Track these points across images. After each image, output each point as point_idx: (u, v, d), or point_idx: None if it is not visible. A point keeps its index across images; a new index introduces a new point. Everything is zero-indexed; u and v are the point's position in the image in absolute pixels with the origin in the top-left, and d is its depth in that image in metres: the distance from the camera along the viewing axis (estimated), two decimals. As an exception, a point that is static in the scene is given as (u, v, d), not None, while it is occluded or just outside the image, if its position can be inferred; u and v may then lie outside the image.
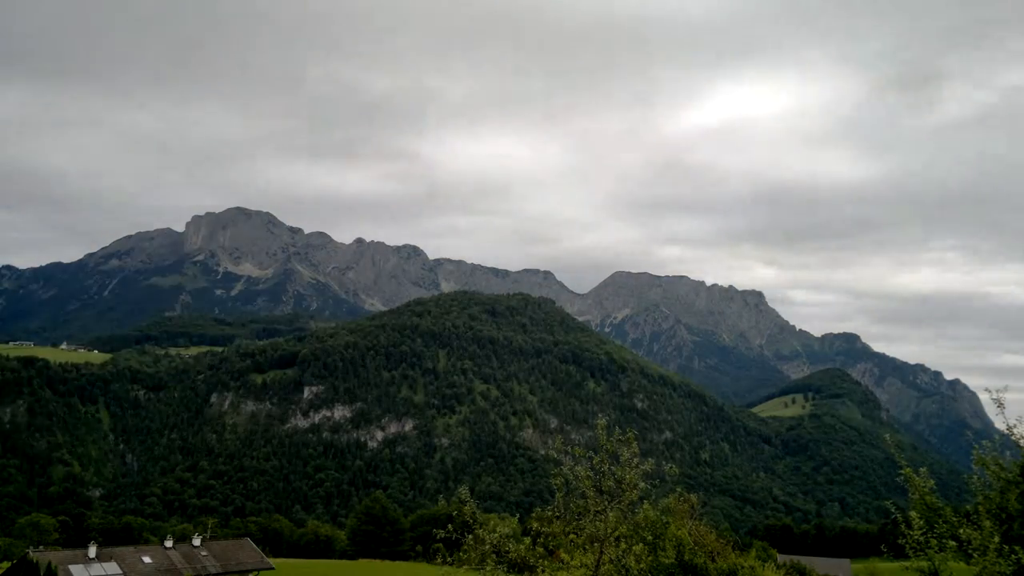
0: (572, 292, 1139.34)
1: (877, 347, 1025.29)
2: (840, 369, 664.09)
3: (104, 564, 67.75)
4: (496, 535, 22.57)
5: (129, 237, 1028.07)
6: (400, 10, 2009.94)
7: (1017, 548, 15.49)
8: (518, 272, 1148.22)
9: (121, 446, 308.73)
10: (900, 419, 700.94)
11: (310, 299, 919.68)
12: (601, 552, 22.24)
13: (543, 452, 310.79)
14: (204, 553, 77.92)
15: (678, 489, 28.58)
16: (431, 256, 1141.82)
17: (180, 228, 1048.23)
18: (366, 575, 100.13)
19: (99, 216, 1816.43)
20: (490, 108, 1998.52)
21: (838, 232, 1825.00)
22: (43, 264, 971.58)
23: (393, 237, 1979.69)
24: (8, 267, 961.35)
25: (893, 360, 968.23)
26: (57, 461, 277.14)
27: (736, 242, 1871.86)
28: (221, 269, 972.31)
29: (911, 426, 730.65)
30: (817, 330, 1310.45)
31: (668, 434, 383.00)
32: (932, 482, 18.20)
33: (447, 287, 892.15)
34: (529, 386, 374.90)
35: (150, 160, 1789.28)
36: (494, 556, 22.36)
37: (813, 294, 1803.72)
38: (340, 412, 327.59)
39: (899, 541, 17.70)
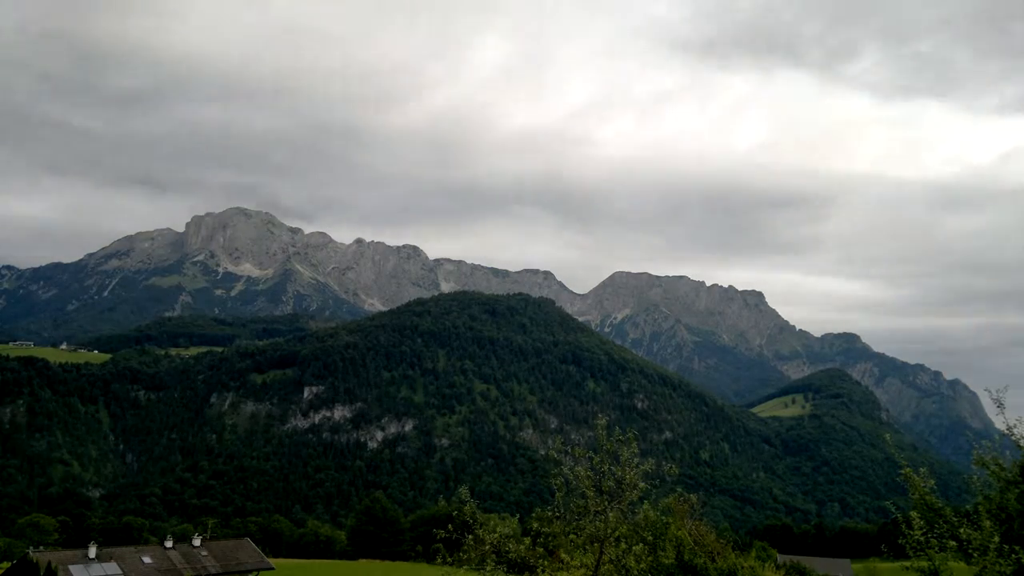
0: (572, 292, 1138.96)
1: (877, 347, 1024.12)
2: (840, 369, 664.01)
3: (104, 564, 67.74)
4: (496, 535, 22.58)
5: (129, 237, 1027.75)
6: None
7: (1017, 548, 15.49)
8: (518, 272, 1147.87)
9: (121, 446, 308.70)
10: (900, 419, 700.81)
11: (310, 299, 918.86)
12: (601, 552, 22.24)
13: (543, 452, 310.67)
14: (204, 553, 77.93)
15: (678, 489, 28.56)
16: (431, 256, 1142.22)
17: (180, 228, 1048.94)
18: (366, 575, 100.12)
19: (99, 216, 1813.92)
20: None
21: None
22: (43, 264, 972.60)
23: (393, 237, 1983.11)
24: (8, 267, 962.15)
25: (893, 360, 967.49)
26: (57, 461, 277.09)
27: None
28: (221, 269, 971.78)
29: (911, 426, 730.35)
30: (817, 330, 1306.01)
31: (668, 434, 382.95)
32: (932, 482, 18.21)
33: (447, 287, 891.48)
34: (529, 386, 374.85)
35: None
36: (494, 556, 22.37)
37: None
38: (340, 412, 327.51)
39: (899, 541, 17.70)
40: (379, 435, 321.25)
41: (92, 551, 68.90)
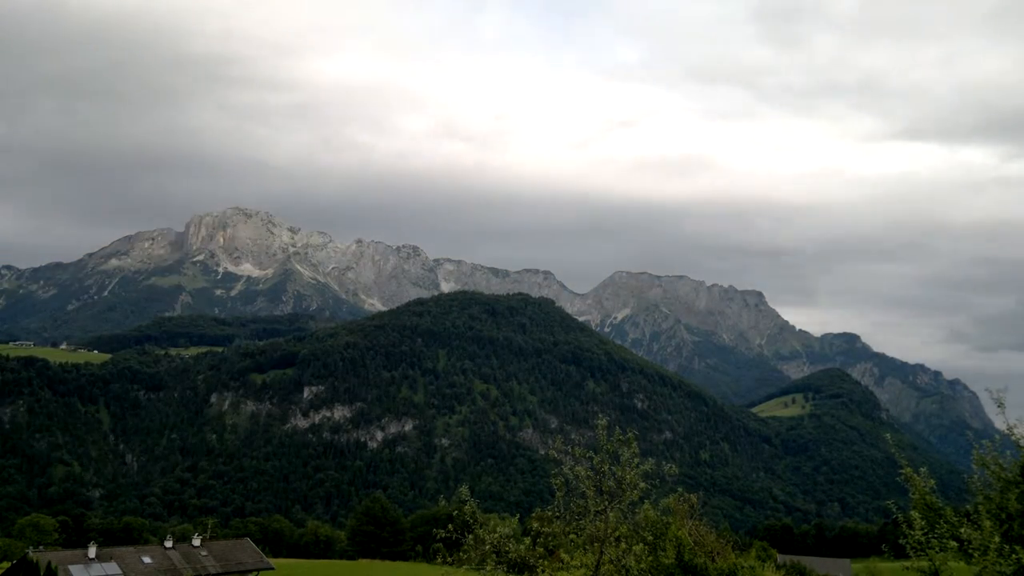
0: (572, 292, 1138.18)
1: (877, 347, 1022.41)
2: (840, 369, 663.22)
3: (104, 564, 67.73)
4: (496, 535, 22.58)
5: (129, 237, 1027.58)
6: None
7: (1017, 548, 15.47)
8: (518, 272, 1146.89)
9: (121, 446, 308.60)
10: (900, 419, 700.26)
11: (310, 299, 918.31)
12: (601, 552, 22.24)
13: (543, 452, 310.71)
14: (204, 553, 77.93)
15: (678, 489, 28.59)
16: (431, 256, 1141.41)
17: (180, 228, 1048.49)
18: (366, 575, 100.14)
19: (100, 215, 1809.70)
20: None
21: None
22: (43, 264, 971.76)
23: (393, 237, 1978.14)
24: (8, 267, 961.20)
25: (893, 360, 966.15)
26: (57, 461, 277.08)
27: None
28: (221, 269, 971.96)
29: (911, 426, 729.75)
30: (817, 330, 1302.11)
31: (668, 434, 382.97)
32: (933, 482, 18.17)
33: (447, 287, 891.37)
34: (529, 386, 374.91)
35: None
36: (494, 556, 22.37)
37: None
38: (340, 412, 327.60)
39: (900, 541, 17.67)
40: (379, 435, 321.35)
41: (92, 551, 68.89)
